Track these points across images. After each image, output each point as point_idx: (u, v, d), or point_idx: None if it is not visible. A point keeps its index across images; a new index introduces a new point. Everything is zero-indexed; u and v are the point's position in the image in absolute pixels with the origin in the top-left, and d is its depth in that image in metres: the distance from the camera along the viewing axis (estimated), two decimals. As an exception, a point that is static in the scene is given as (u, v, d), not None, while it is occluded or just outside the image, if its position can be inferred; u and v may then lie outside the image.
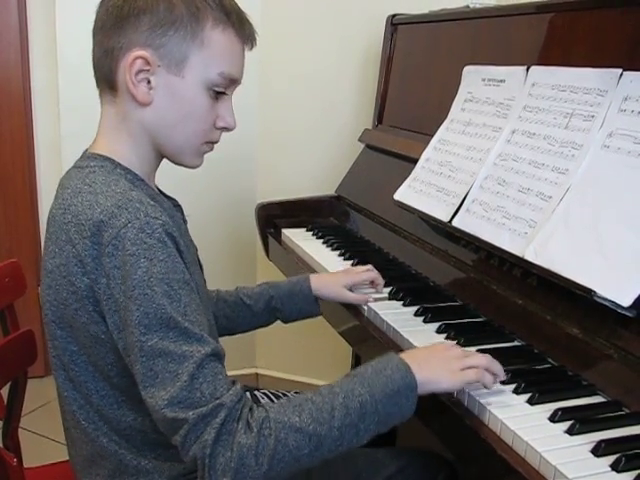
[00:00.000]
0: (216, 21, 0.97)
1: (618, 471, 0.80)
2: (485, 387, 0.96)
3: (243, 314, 1.35)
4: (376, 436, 0.91)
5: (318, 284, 1.36)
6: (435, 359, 0.97)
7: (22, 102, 2.53)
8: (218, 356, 0.88)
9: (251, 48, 1.04)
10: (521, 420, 0.91)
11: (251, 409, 0.86)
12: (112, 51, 0.96)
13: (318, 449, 0.86)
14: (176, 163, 1.06)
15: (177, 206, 1.13)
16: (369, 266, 1.41)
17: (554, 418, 0.91)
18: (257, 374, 2.68)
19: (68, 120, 2.37)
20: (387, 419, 0.90)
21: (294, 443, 0.84)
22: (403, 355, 0.96)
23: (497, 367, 0.98)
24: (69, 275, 0.91)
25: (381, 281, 1.39)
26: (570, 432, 0.88)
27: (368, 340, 1.31)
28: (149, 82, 0.96)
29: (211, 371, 0.85)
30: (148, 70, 0.95)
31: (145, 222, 0.87)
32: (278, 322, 1.41)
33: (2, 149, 2.56)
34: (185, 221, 1.12)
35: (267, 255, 1.98)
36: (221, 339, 1.05)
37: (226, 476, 0.81)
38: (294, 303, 1.35)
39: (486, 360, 0.97)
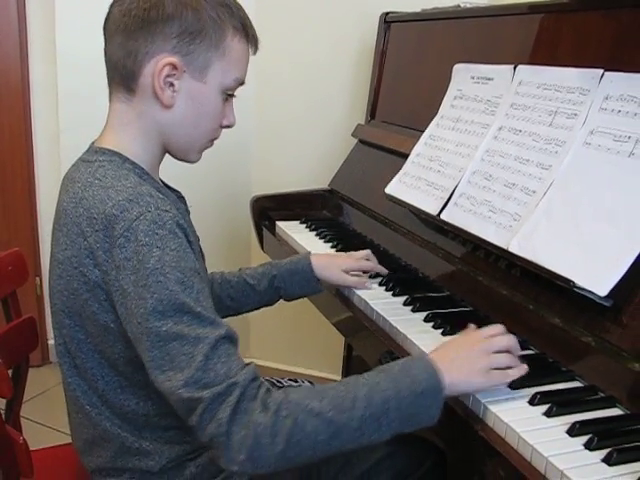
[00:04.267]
0: (235, 30, 1.02)
1: (590, 449, 0.85)
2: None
3: (247, 294, 1.38)
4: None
5: (318, 264, 1.39)
6: (462, 359, 0.96)
7: (21, 95, 2.56)
8: (231, 338, 0.91)
9: (254, 53, 1.09)
10: (502, 403, 0.96)
11: (268, 390, 0.89)
12: (137, 54, 0.98)
13: (336, 437, 0.87)
14: (179, 159, 1.10)
15: (181, 197, 1.17)
16: (368, 251, 1.46)
17: (533, 401, 0.96)
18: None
19: (66, 113, 2.41)
20: (411, 419, 0.91)
21: (311, 427, 0.85)
22: (432, 355, 0.96)
23: (516, 345, 1.01)
24: (80, 266, 0.95)
25: (381, 268, 1.44)
26: (547, 414, 0.93)
27: (360, 330, 1.36)
28: (172, 85, 1.00)
29: (225, 352, 0.88)
30: (174, 75, 0.99)
31: (156, 214, 0.91)
32: (272, 313, 1.45)
33: (1, 142, 2.58)
34: (188, 212, 1.17)
35: (261, 247, 2.02)
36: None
37: (242, 453, 0.84)
38: (296, 281, 1.38)
39: (510, 352, 1.00)
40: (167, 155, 1.11)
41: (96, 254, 0.93)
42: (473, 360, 0.97)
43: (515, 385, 1.00)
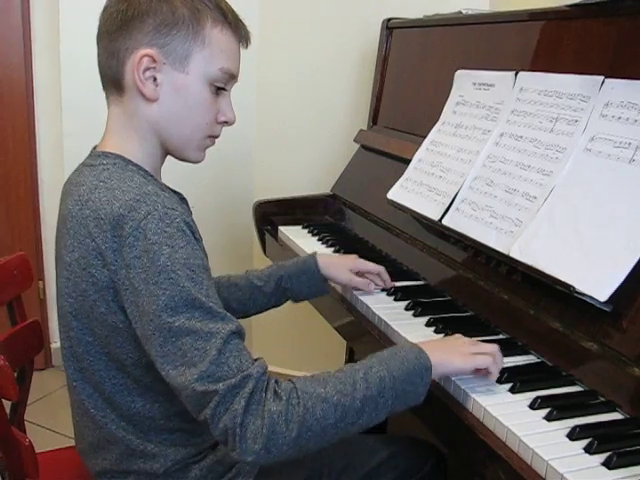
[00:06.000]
0: (215, 21, 1.02)
1: (591, 453, 0.85)
2: (489, 376, 1.03)
3: (255, 296, 1.38)
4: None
5: (325, 264, 1.40)
6: (447, 345, 1.05)
7: (25, 99, 2.57)
8: (240, 333, 0.93)
9: (246, 47, 1.09)
10: (503, 407, 0.97)
11: (277, 381, 0.92)
12: (118, 53, 1.01)
13: (342, 419, 0.91)
14: (180, 158, 1.10)
15: (183, 199, 1.18)
16: (381, 268, 1.45)
17: (534, 405, 0.97)
18: (253, 368, 2.72)
19: (70, 117, 2.43)
20: (403, 396, 0.96)
21: (321, 412, 0.89)
22: (419, 342, 1.02)
23: (500, 360, 1.03)
24: (89, 267, 0.96)
25: (387, 277, 1.44)
26: (548, 418, 0.94)
27: (362, 335, 1.37)
28: (155, 79, 1.01)
29: (236, 347, 0.90)
30: (154, 68, 1.00)
31: (164, 213, 0.92)
32: (274, 317, 1.46)
33: (5, 146, 2.60)
34: (191, 212, 1.17)
35: (264, 251, 2.03)
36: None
37: (257, 443, 0.86)
38: (303, 282, 1.39)
39: (495, 349, 1.04)
40: (169, 161, 1.11)
41: (105, 254, 0.94)
42: (456, 346, 1.04)
43: (516, 389, 1.01)
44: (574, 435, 0.89)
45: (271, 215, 2.02)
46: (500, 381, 1.04)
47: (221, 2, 1.05)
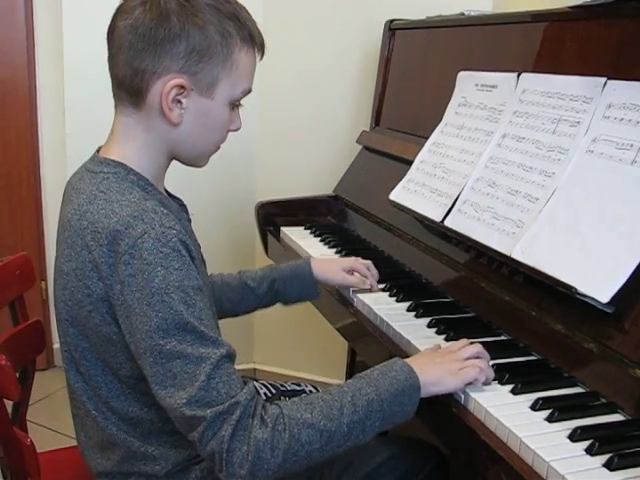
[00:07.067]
0: (243, 42, 1.01)
1: (592, 455, 0.85)
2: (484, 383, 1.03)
3: (247, 296, 1.39)
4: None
5: (319, 268, 1.41)
6: (436, 363, 1.03)
7: (28, 100, 2.57)
8: (231, 357, 0.93)
9: (262, 58, 1.09)
10: (504, 408, 0.97)
11: (264, 406, 0.92)
12: (143, 73, 0.98)
13: (328, 444, 0.92)
14: (187, 165, 1.11)
15: (182, 206, 1.18)
16: (369, 262, 1.47)
17: (535, 407, 0.97)
18: (255, 369, 2.73)
19: (73, 118, 2.43)
20: (391, 417, 0.97)
21: (306, 438, 0.90)
22: (407, 360, 1.02)
23: (490, 373, 1.03)
24: (84, 279, 0.96)
25: (375, 271, 1.45)
26: (549, 419, 0.94)
27: (363, 336, 1.37)
28: (179, 102, 1.00)
29: (226, 372, 0.91)
30: (182, 93, 0.99)
31: (161, 232, 0.92)
32: (276, 318, 1.46)
33: (8, 147, 2.60)
34: (190, 220, 1.17)
35: (266, 252, 2.02)
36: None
37: (243, 468, 0.87)
38: (295, 286, 1.40)
39: (477, 350, 1.05)
40: (172, 163, 1.11)
41: (100, 268, 0.94)
42: (445, 365, 1.02)
43: (517, 390, 1.01)
44: (575, 436, 0.89)
45: (273, 216, 2.02)
46: (501, 382, 1.04)
47: (247, 20, 1.03)
